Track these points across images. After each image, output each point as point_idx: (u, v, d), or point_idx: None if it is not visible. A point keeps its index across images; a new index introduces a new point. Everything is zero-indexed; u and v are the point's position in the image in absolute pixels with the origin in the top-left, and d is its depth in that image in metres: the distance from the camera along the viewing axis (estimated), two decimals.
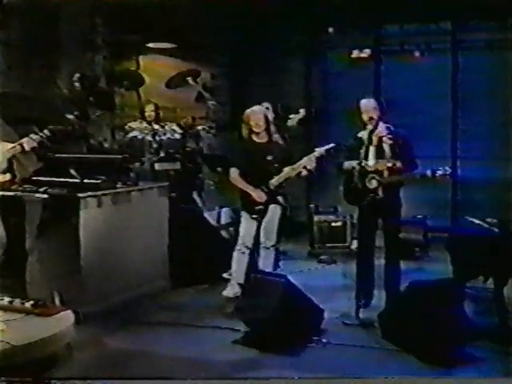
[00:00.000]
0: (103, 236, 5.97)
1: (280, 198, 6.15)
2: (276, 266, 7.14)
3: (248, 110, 6.19)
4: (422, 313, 4.96)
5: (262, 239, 6.18)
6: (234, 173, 6.16)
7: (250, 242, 6.16)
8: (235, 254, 6.21)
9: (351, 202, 6.07)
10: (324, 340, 5.17)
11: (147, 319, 5.79)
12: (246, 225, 6.14)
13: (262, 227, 6.15)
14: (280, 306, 5.15)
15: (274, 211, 6.13)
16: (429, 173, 5.68)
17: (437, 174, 5.66)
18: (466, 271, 5.75)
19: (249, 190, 6.08)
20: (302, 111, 7.39)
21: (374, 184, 5.77)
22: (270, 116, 7.30)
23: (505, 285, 5.63)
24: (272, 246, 6.18)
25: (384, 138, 5.83)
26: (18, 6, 6.92)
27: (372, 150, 5.84)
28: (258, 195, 6.05)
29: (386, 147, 5.83)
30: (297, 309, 5.24)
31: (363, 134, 5.91)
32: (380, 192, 5.74)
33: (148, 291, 6.33)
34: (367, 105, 5.87)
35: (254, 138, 6.17)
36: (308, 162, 6.05)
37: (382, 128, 5.84)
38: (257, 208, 6.06)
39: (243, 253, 6.18)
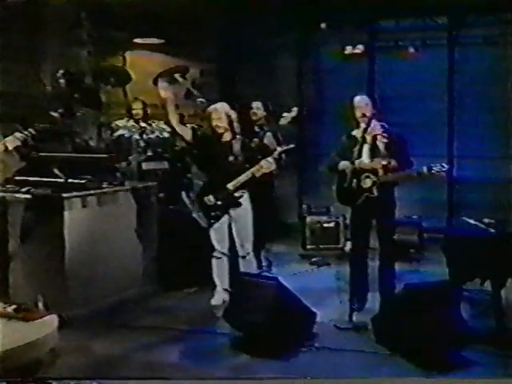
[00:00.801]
0: (88, 237, 5.95)
1: (242, 200, 6.10)
2: (268, 268, 7.17)
3: (210, 107, 6.18)
4: (417, 316, 4.95)
5: (237, 247, 6.17)
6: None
7: (225, 247, 6.16)
8: (213, 262, 6.21)
9: (344, 203, 6.07)
10: (316, 344, 5.18)
11: (134, 323, 5.77)
12: (215, 230, 6.13)
13: (235, 234, 6.14)
14: (271, 310, 5.15)
15: (243, 215, 6.10)
16: (425, 169, 5.69)
17: (433, 171, 5.67)
18: (462, 273, 5.76)
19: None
20: (295, 109, 7.38)
21: (368, 183, 5.79)
22: (260, 114, 7.30)
23: (502, 287, 5.65)
24: (247, 253, 6.16)
25: (378, 136, 5.83)
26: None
27: (366, 148, 5.85)
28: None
29: (380, 145, 5.83)
30: (288, 312, 5.23)
31: (357, 133, 5.91)
32: (375, 191, 5.75)
33: (135, 294, 6.33)
34: (360, 101, 5.89)
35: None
36: (266, 164, 6.00)
37: (375, 126, 5.84)
38: (212, 214, 6.07)
39: (220, 258, 6.18)
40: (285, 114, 7.34)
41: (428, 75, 8.82)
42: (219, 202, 6.06)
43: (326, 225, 8.25)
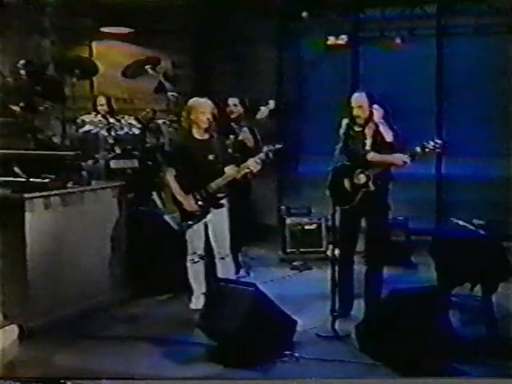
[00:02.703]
0: (52, 241, 5.92)
1: (224, 201, 6.15)
2: (246, 273, 7.18)
3: (196, 101, 6.14)
4: (403, 324, 4.98)
5: (214, 250, 6.21)
6: (169, 174, 6.15)
7: (200, 250, 6.20)
8: (188, 265, 6.24)
9: (341, 204, 6.03)
10: (296, 354, 5.17)
11: (101, 333, 5.75)
12: (191, 232, 6.15)
13: (212, 235, 6.17)
14: (248, 317, 5.14)
15: (219, 216, 6.14)
16: (418, 149, 5.72)
17: (427, 149, 5.70)
18: (451, 277, 5.79)
19: (180, 196, 6.09)
20: (272, 102, 7.40)
21: (362, 179, 5.81)
22: (237, 111, 7.32)
23: (493, 292, 5.69)
24: (226, 255, 6.20)
25: (378, 136, 5.84)
26: None
27: (368, 144, 5.88)
28: (189, 204, 6.07)
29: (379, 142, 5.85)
30: (267, 320, 5.23)
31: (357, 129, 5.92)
32: (371, 185, 5.77)
33: (103, 302, 6.30)
34: (354, 100, 5.88)
35: (195, 133, 6.14)
36: (253, 164, 6.04)
37: (373, 125, 5.84)
38: (192, 215, 6.08)
39: (196, 262, 6.21)
40: (262, 108, 7.36)
41: (415, 67, 8.85)
42: (200, 203, 6.06)
43: (307, 227, 8.26)
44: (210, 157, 6.07)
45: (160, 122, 8.13)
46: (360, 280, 6.05)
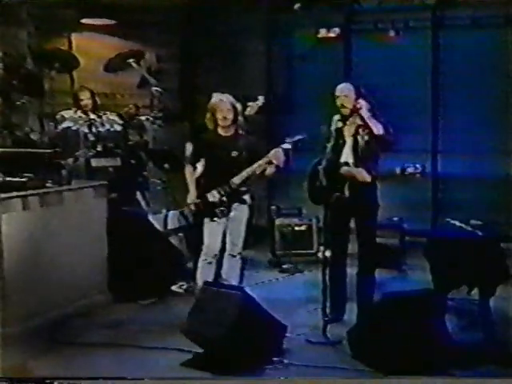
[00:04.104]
0: (30, 244, 5.90)
1: (247, 197, 6.20)
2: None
3: (215, 100, 6.20)
4: (397, 329, 4.99)
5: (227, 246, 6.23)
6: (188, 171, 6.27)
7: (217, 250, 6.22)
8: (200, 265, 6.26)
9: (317, 202, 6.06)
10: (286, 361, 5.17)
11: (82, 340, 5.73)
12: (210, 230, 6.19)
13: (228, 231, 6.20)
14: (235, 323, 5.14)
15: (240, 212, 6.19)
16: (398, 171, 5.74)
17: (407, 172, 5.72)
18: (447, 280, 5.81)
19: (190, 188, 6.19)
20: (261, 98, 7.41)
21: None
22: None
23: (491, 295, 5.71)
24: (239, 253, 6.23)
25: (360, 131, 5.83)
26: None
27: (347, 145, 5.87)
28: (191, 198, 6.18)
29: (360, 143, 5.84)
30: (255, 325, 5.24)
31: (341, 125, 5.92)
32: (346, 192, 5.77)
33: (83, 307, 6.30)
34: (339, 91, 5.89)
35: (220, 131, 6.21)
36: (275, 156, 6.08)
37: (360, 119, 5.83)
38: (217, 210, 6.11)
39: (210, 263, 6.23)
40: (250, 104, 7.37)
41: (410, 61, 8.86)
42: (224, 198, 6.11)
43: (297, 228, 8.27)
44: (233, 153, 6.13)
45: (143, 118, 8.12)
46: (353, 284, 6.07)
